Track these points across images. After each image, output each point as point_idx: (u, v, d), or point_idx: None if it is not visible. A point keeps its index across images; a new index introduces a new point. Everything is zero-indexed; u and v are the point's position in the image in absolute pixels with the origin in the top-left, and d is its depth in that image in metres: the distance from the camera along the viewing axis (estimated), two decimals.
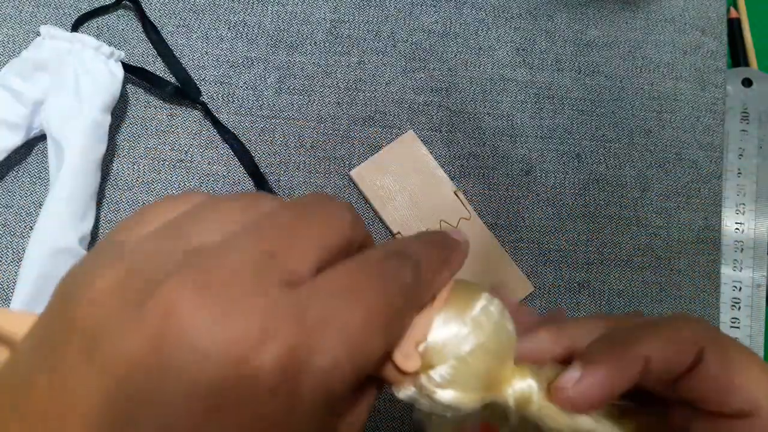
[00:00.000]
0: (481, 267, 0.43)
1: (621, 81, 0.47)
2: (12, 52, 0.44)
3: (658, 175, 0.46)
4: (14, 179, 0.42)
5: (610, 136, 0.46)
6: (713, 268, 0.45)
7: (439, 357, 0.20)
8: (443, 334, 0.20)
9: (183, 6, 0.46)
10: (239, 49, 0.45)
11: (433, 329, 0.20)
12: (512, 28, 0.47)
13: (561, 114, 0.46)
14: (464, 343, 0.20)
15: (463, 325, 0.20)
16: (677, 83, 0.47)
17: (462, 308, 0.21)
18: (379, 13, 0.47)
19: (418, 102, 0.45)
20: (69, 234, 0.38)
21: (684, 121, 0.47)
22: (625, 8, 0.48)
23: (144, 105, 0.44)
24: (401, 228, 0.42)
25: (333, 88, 0.45)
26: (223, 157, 0.44)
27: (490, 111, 0.46)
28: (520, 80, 0.46)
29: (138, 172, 0.43)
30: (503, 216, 0.44)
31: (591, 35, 0.48)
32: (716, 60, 0.48)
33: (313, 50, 0.46)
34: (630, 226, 0.45)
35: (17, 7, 0.45)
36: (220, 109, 0.44)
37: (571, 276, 0.44)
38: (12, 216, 0.42)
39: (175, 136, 0.44)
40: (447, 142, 0.45)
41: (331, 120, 0.45)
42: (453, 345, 0.20)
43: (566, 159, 0.45)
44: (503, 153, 0.45)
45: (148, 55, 0.45)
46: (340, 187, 0.44)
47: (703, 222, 0.45)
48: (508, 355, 0.21)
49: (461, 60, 0.47)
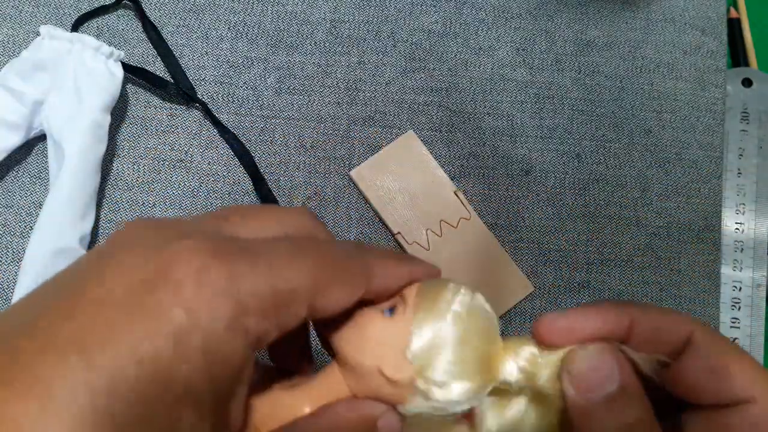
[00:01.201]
0: (481, 267, 0.43)
1: (621, 81, 0.47)
2: (12, 52, 0.44)
3: (658, 175, 0.46)
4: (14, 179, 0.42)
5: (610, 136, 0.46)
6: (713, 268, 0.45)
7: (428, 358, 0.20)
8: (425, 335, 0.20)
9: (183, 6, 0.46)
10: (239, 49, 0.45)
11: (414, 333, 0.20)
12: (512, 28, 0.47)
13: (561, 114, 0.46)
14: (448, 337, 0.20)
15: (441, 320, 0.20)
16: (677, 83, 0.47)
17: (434, 305, 0.21)
18: (379, 13, 0.47)
19: (418, 102, 0.45)
20: (69, 234, 0.38)
21: (684, 121, 0.47)
22: (625, 8, 0.48)
23: (144, 105, 0.44)
24: (401, 228, 0.42)
25: (333, 88, 0.45)
26: (223, 157, 0.44)
27: (490, 111, 0.46)
28: (520, 80, 0.47)
29: (138, 172, 0.43)
30: (503, 216, 0.44)
31: (591, 35, 0.48)
32: (716, 60, 0.48)
33: (312, 50, 0.46)
34: (630, 226, 0.45)
35: (17, 7, 0.45)
36: (220, 109, 0.44)
37: (571, 276, 0.44)
38: (12, 216, 0.42)
39: (175, 136, 0.44)
40: (447, 142, 0.45)
41: (331, 120, 0.45)
42: (438, 342, 0.20)
43: (566, 159, 0.45)
44: (503, 153, 0.45)
45: (148, 55, 0.45)
46: (340, 187, 0.44)
47: (703, 222, 0.45)
48: (494, 334, 0.21)
49: (461, 60, 0.47)
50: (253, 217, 0.21)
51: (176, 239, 0.17)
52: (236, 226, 0.20)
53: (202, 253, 0.17)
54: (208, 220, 0.20)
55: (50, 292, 0.17)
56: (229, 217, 0.20)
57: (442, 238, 0.43)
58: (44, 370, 0.15)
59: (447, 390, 0.20)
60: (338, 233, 0.43)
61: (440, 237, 0.43)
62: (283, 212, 0.22)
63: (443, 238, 0.43)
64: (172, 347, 0.16)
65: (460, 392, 0.20)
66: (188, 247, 0.17)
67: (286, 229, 0.21)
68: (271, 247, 0.19)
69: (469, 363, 0.20)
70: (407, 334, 0.20)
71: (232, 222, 0.20)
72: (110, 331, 0.15)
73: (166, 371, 0.16)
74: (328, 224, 0.43)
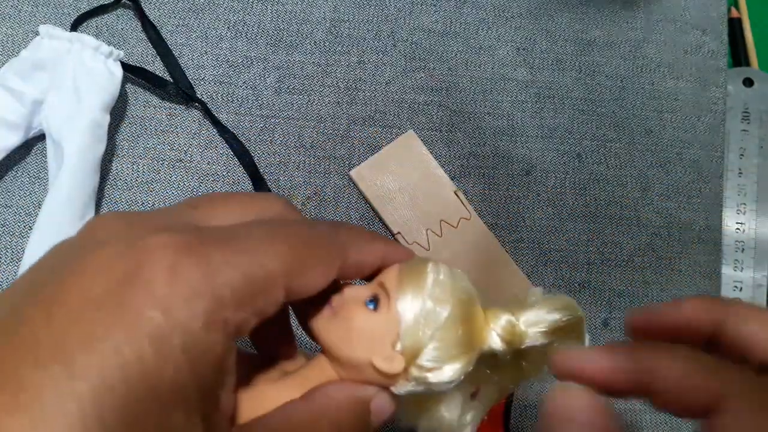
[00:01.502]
0: (481, 267, 0.42)
1: (622, 81, 0.47)
2: (11, 52, 0.44)
3: (658, 174, 0.46)
4: (14, 179, 0.42)
5: (610, 135, 0.46)
6: (714, 268, 0.45)
7: (417, 344, 0.20)
8: (412, 325, 0.20)
9: (182, 5, 0.45)
10: (239, 48, 0.45)
11: (402, 324, 0.20)
12: (513, 28, 0.47)
13: (561, 114, 0.46)
14: (435, 323, 0.20)
15: (425, 302, 0.21)
16: (678, 83, 0.47)
17: (417, 291, 0.21)
18: (379, 13, 0.47)
19: (418, 102, 0.45)
20: (68, 233, 0.37)
21: (685, 121, 0.47)
22: (626, 8, 0.48)
23: (143, 105, 0.44)
24: (401, 228, 0.42)
25: (333, 87, 0.45)
26: (223, 156, 0.43)
27: (490, 111, 0.46)
28: (520, 80, 0.46)
29: (137, 172, 0.43)
30: (503, 216, 0.44)
31: (591, 35, 0.48)
32: (717, 60, 0.48)
33: (312, 50, 0.46)
34: (630, 226, 0.45)
35: (16, 6, 0.44)
36: (220, 109, 0.44)
37: (572, 276, 0.44)
38: (11, 216, 0.42)
39: (174, 135, 0.44)
40: (447, 142, 0.45)
41: (330, 120, 0.45)
42: (426, 330, 0.20)
43: (567, 159, 0.45)
44: (503, 153, 0.45)
45: (147, 54, 0.44)
46: (340, 187, 0.44)
47: (704, 222, 0.45)
48: (476, 309, 0.22)
49: (461, 59, 0.46)
50: (222, 204, 0.21)
51: (148, 234, 0.17)
52: (207, 214, 0.20)
53: (173, 248, 0.17)
54: (179, 210, 0.20)
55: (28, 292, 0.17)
56: (198, 206, 0.20)
57: (442, 238, 0.42)
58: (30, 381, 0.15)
59: (439, 373, 0.20)
60: None
61: (440, 237, 0.42)
62: (254, 197, 0.22)
63: (443, 238, 0.42)
64: (153, 349, 0.16)
65: (452, 373, 0.21)
66: (160, 243, 0.17)
67: (257, 213, 0.21)
68: (244, 232, 0.18)
69: (457, 344, 0.21)
70: (395, 327, 0.20)
71: (202, 211, 0.20)
72: (90, 336, 0.15)
73: (150, 373, 0.15)
74: None
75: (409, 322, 0.20)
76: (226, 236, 0.18)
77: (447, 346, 0.20)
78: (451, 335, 0.21)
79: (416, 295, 0.21)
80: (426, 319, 0.20)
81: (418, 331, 0.20)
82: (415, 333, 0.20)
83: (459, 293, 0.21)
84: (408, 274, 0.21)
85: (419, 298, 0.21)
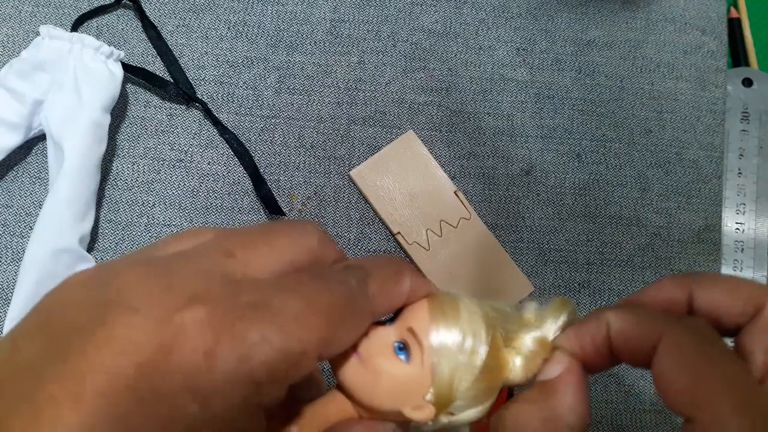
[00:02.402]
0: (481, 267, 0.42)
1: (621, 81, 0.47)
2: (12, 52, 0.44)
3: (658, 175, 0.46)
4: (14, 179, 0.42)
5: (610, 135, 0.46)
6: (714, 268, 0.45)
7: (450, 395, 0.20)
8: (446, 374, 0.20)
9: (182, 5, 0.46)
10: (239, 48, 0.45)
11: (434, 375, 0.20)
12: (512, 28, 0.47)
13: (561, 114, 0.46)
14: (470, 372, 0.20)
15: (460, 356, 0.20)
16: (677, 83, 0.47)
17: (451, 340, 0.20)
18: (379, 13, 0.47)
19: (418, 102, 0.45)
20: (69, 234, 0.38)
21: (684, 121, 0.47)
22: (625, 8, 0.48)
23: (143, 105, 0.44)
24: (401, 228, 0.42)
25: (333, 87, 0.45)
26: (223, 157, 0.44)
27: (490, 111, 0.46)
28: (520, 80, 0.46)
29: (138, 172, 0.43)
30: (503, 216, 0.44)
31: (591, 35, 0.48)
32: (716, 60, 0.48)
33: (312, 50, 0.46)
34: (630, 226, 0.45)
35: (17, 6, 0.45)
36: (220, 109, 0.44)
37: (571, 276, 0.44)
38: (12, 216, 0.42)
39: (174, 135, 0.44)
40: (447, 142, 0.45)
41: (331, 120, 0.45)
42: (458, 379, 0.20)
43: (566, 159, 0.45)
44: (503, 153, 0.45)
45: (147, 54, 0.45)
46: (340, 187, 0.44)
47: (704, 222, 0.45)
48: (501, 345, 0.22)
49: (461, 60, 0.46)
50: (254, 247, 0.19)
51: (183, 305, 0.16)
52: (243, 263, 0.19)
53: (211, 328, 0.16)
54: (214, 260, 0.18)
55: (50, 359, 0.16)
56: (234, 252, 0.19)
57: (442, 238, 0.42)
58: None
59: (466, 414, 0.21)
60: (338, 233, 0.43)
61: (440, 237, 0.42)
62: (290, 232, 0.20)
63: (443, 238, 0.42)
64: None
65: (477, 414, 0.21)
66: (196, 321, 0.16)
67: (294, 253, 0.20)
68: (279, 301, 0.18)
69: (487, 390, 0.21)
70: (428, 380, 0.20)
71: (239, 260, 0.19)
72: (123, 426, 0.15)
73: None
74: (328, 224, 0.43)
75: (444, 376, 0.20)
76: (263, 302, 0.17)
77: (478, 395, 0.21)
78: (484, 385, 0.21)
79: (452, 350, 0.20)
80: (460, 370, 0.20)
81: (452, 384, 0.20)
82: (449, 385, 0.20)
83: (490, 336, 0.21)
84: (442, 322, 0.21)
85: (454, 353, 0.20)
